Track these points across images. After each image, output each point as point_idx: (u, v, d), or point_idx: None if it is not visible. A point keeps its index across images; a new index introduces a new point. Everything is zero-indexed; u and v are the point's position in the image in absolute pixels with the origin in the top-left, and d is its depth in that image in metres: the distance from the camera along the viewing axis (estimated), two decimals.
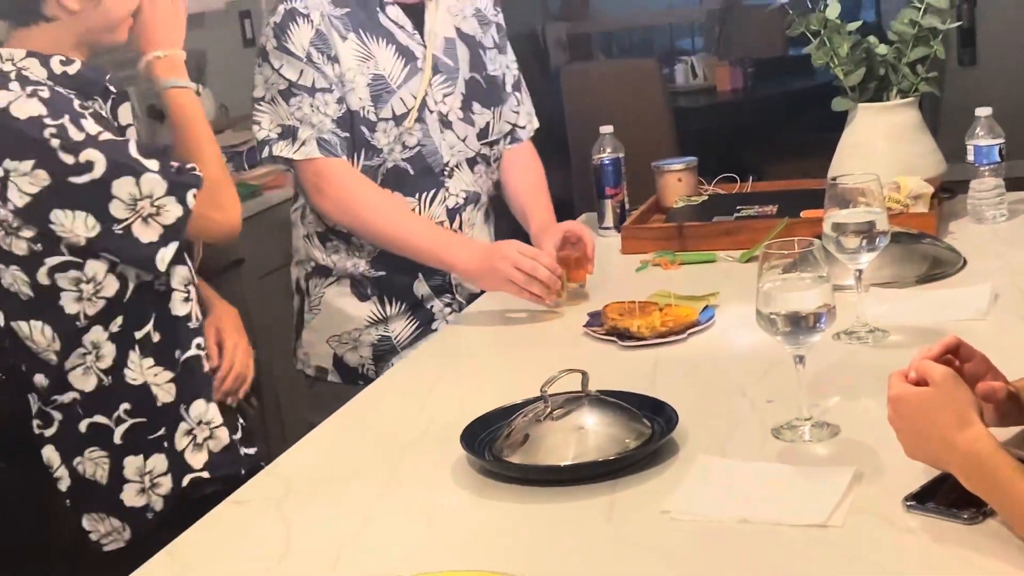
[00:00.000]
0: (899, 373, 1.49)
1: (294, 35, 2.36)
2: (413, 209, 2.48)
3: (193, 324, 2.14)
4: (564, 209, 3.18)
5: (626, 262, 2.66)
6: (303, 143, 2.35)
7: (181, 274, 2.10)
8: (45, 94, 1.97)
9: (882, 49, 2.61)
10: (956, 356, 1.52)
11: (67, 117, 1.95)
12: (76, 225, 1.95)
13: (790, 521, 1.47)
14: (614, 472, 1.65)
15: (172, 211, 1.98)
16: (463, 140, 2.52)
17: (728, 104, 6.10)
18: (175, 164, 2.01)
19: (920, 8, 2.55)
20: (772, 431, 1.72)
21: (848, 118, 2.69)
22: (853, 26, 2.63)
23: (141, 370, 2.08)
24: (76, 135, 1.94)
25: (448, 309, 2.56)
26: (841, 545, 1.42)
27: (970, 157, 2.59)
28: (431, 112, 2.46)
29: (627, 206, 2.89)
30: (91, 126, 1.96)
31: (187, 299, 2.12)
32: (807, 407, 1.72)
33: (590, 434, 1.71)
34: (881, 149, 2.62)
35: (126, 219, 1.96)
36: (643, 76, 5.46)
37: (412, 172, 2.47)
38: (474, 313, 2.47)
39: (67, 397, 2.07)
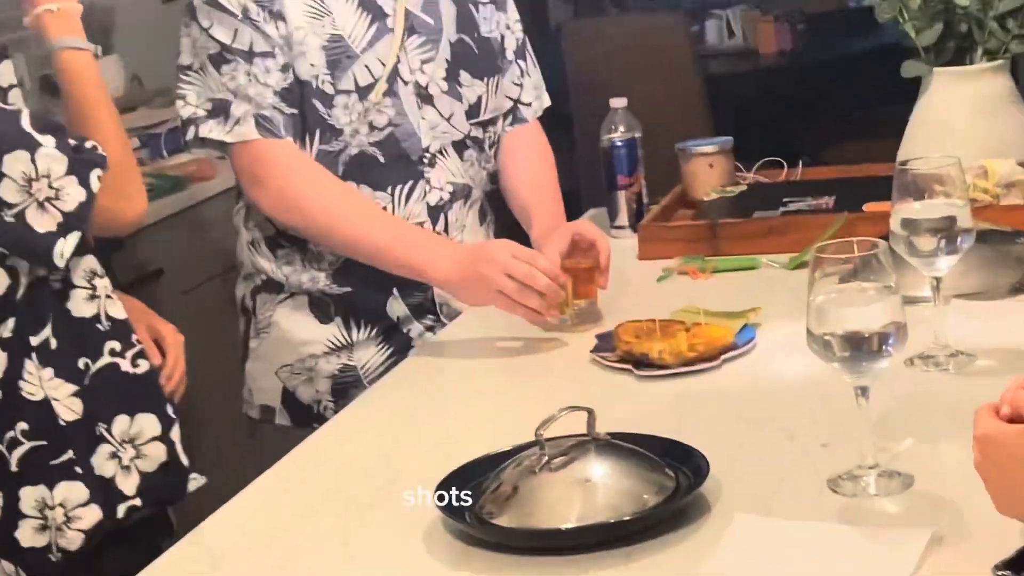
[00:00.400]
0: (989, 407, 1.48)
1: None
2: (384, 208, 2.43)
3: (103, 326, 2.14)
4: (566, 203, 3.17)
5: (644, 269, 2.66)
6: (237, 121, 2.29)
7: (84, 266, 2.11)
8: None
9: (964, 1, 2.60)
10: None
11: None
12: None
13: None
14: (629, 536, 1.64)
15: (74, 195, 1.98)
16: (448, 119, 2.47)
17: (774, 70, 6.11)
18: (74, 142, 2.01)
19: None
20: (828, 483, 1.72)
21: (922, 87, 2.68)
22: None
23: (40, 383, 2.08)
24: None
25: (430, 334, 2.51)
26: None
27: None
28: (406, 83, 2.41)
29: (645, 199, 2.88)
30: None
31: (93, 296, 2.13)
32: (872, 452, 1.71)
33: (599, 488, 1.71)
34: (964, 125, 2.61)
35: (18, 203, 1.95)
36: (666, 35, 5.45)
37: (383, 160, 2.42)
38: (453, 336, 2.43)
39: None
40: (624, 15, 7.74)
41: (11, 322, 2.05)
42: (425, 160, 2.44)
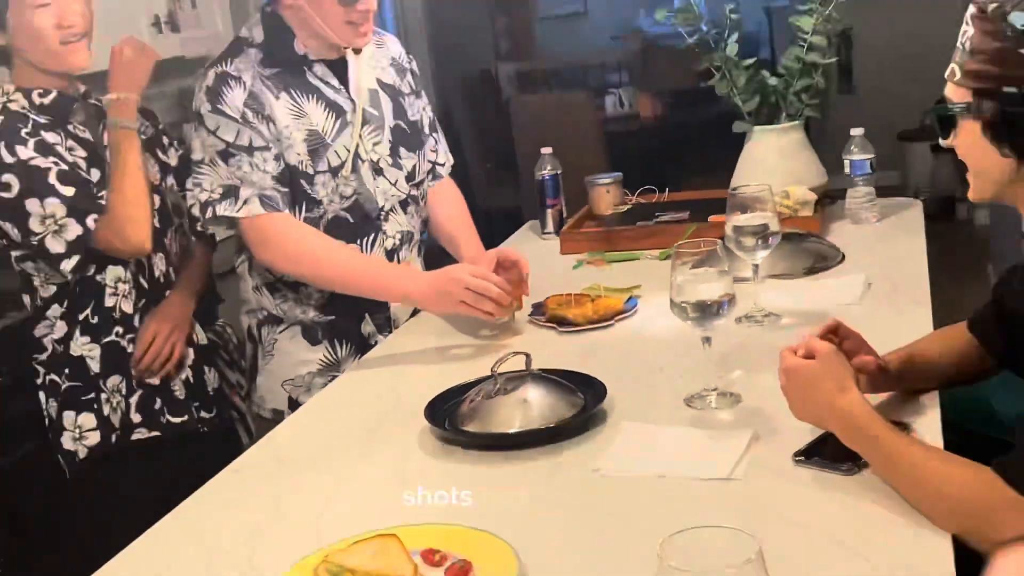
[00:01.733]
0: (790, 349, 1.50)
1: (227, 97, 2.06)
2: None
3: (116, 315, 2.22)
4: (514, 216, 3.18)
5: (564, 261, 2.64)
6: (245, 201, 2.05)
7: (113, 273, 2.20)
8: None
9: (773, 81, 2.61)
10: (836, 335, 1.54)
11: (3, 143, 2.04)
12: (7, 231, 2.08)
13: (699, 476, 1.47)
14: (554, 438, 1.63)
15: (72, 230, 2.06)
16: (394, 184, 2.24)
17: (649, 127, 6.10)
18: (90, 192, 2.11)
19: (804, 46, 2.56)
20: (684, 400, 1.72)
21: (746, 138, 2.69)
22: (749, 62, 2.63)
23: (79, 345, 2.19)
24: (7, 158, 2.04)
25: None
26: (742, 495, 1.43)
27: (847, 169, 2.60)
28: (363, 162, 2.19)
29: (564, 214, 2.87)
30: (26, 152, 2.05)
31: (114, 294, 2.20)
32: (713, 379, 1.72)
33: (533, 406, 1.69)
34: (773, 164, 2.62)
35: (40, 232, 2.06)
36: (579, 105, 5.46)
37: (352, 220, 2.20)
38: (409, 332, 2.28)
39: (40, 356, 2.24)
40: (551, 92, 7.75)
41: (66, 303, 2.19)
42: (381, 217, 2.23)
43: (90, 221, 2.07)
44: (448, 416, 1.72)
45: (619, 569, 1.27)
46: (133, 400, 2.25)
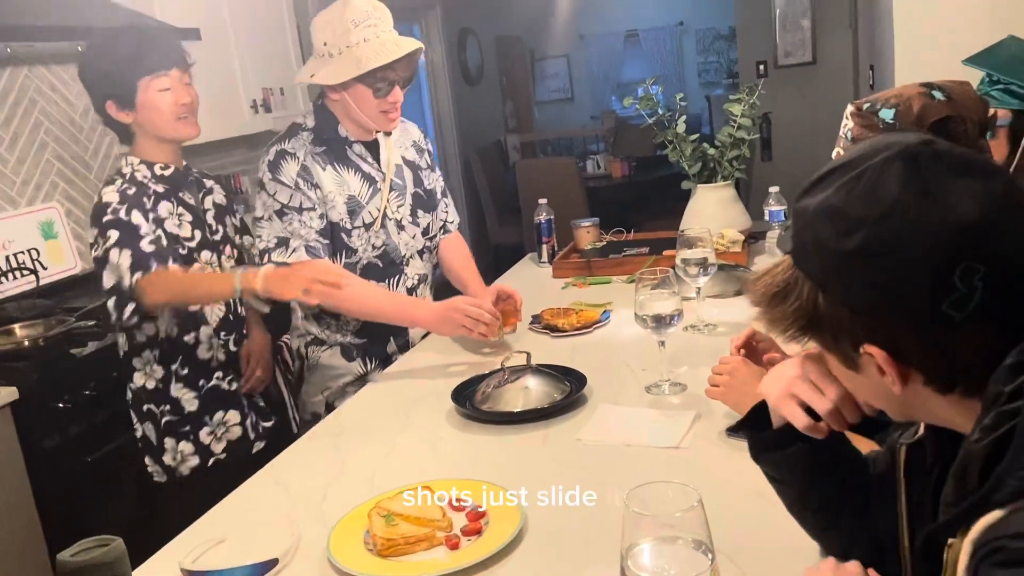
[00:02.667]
0: (724, 359, 1.49)
1: (284, 168, 1.99)
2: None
3: (215, 363, 2.10)
4: (518, 249, 3.19)
5: (555, 284, 2.63)
6: (294, 250, 1.96)
7: (206, 331, 2.08)
8: (129, 190, 1.97)
9: (711, 151, 2.62)
10: (755, 339, 1.52)
11: (124, 208, 1.93)
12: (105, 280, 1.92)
13: (656, 444, 1.47)
14: (547, 415, 1.64)
15: (106, 282, 1.90)
16: (413, 238, 2.16)
17: (620, 184, 6.12)
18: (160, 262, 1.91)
19: (735, 126, 2.57)
20: (645, 388, 1.72)
21: (692, 193, 2.68)
22: (694, 136, 2.63)
23: (176, 390, 2.06)
24: (135, 219, 1.92)
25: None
26: (688, 459, 1.43)
27: (767, 217, 2.60)
28: (390, 219, 2.11)
29: (556, 248, 2.86)
30: (137, 217, 1.92)
31: (209, 348, 2.09)
32: (666, 373, 1.72)
33: (532, 392, 1.70)
34: (712, 212, 2.61)
35: (110, 285, 1.90)
36: (566, 167, 5.46)
37: (381, 265, 2.11)
38: (425, 349, 2.18)
39: (133, 385, 2.08)
40: (546, 157, 7.79)
41: (157, 352, 2.04)
42: (404, 263, 2.15)
43: (134, 280, 1.88)
44: (468, 399, 1.72)
45: (596, 514, 1.27)
46: (235, 425, 2.14)
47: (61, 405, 2.28)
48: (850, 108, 1.33)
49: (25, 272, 2.89)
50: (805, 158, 6.02)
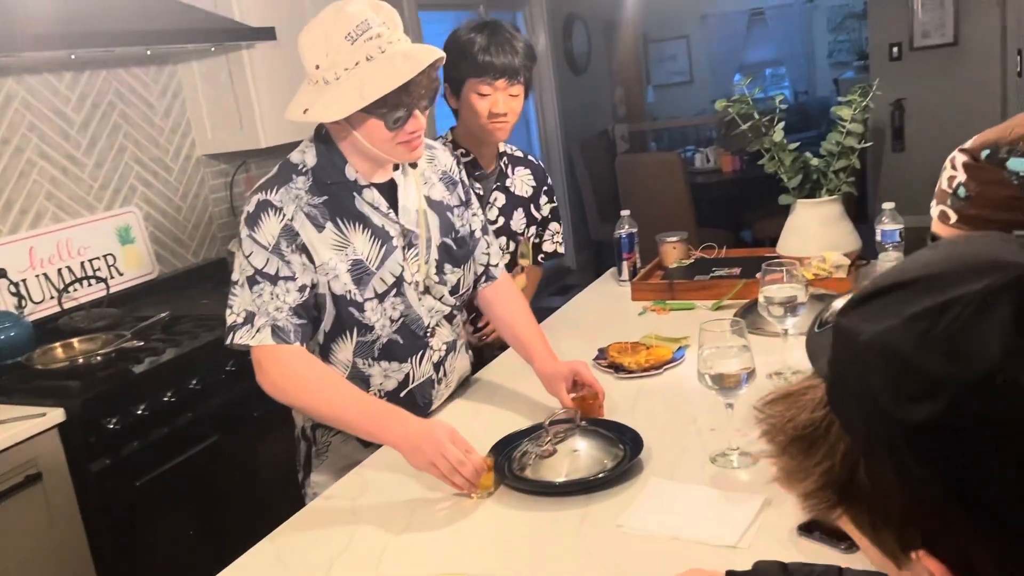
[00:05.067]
0: None
1: (263, 225, 1.56)
2: (407, 373, 1.74)
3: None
4: (601, 264, 2.95)
5: (632, 307, 2.38)
6: (259, 330, 1.55)
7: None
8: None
9: (815, 161, 2.30)
10: None
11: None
12: None
13: (710, 541, 1.24)
14: (590, 488, 1.42)
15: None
16: (439, 299, 1.75)
17: (729, 180, 5.73)
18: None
19: (843, 132, 2.24)
20: (710, 458, 1.48)
21: (791, 208, 2.38)
22: (794, 145, 2.33)
23: None
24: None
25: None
26: (746, 562, 1.17)
27: (878, 236, 2.27)
28: (408, 284, 1.68)
29: (638, 265, 2.61)
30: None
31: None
32: (735, 440, 1.47)
33: (581, 456, 1.48)
34: (813, 232, 2.30)
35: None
36: (671, 163, 5.13)
37: (401, 341, 1.70)
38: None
39: None
40: (653, 152, 7.45)
41: None
42: (429, 334, 1.74)
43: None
44: (507, 460, 1.52)
45: None
46: None
47: (111, 426, 2.21)
48: (959, 156, 0.99)
49: (98, 280, 2.88)
50: (942, 152, 5.47)
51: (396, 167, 1.69)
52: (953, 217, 0.99)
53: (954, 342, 0.49)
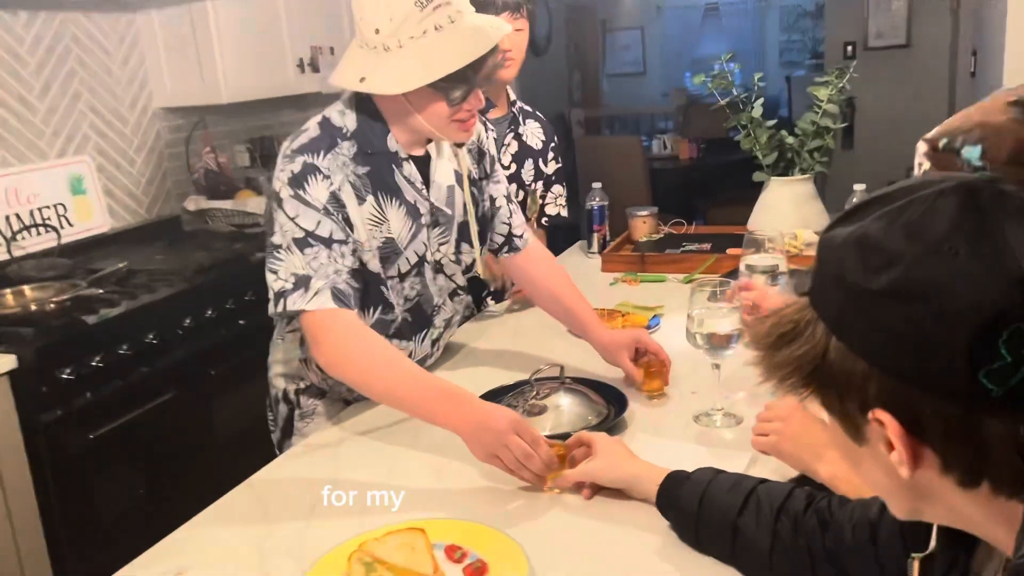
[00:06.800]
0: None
1: (310, 188, 1.45)
2: (410, 352, 1.68)
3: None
4: (575, 229, 2.93)
5: (603, 278, 2.40)
6: (316, 293, 1.42)
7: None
8: None
9: (790, 140, 2.34)
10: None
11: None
12: None
13: None
14: None
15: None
16: (451, 277, 1.70)
17: (686, 167, 5.79)
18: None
19: (819, 112, 2.28)
20: (694, 417, 1.49)
21: (764, 186, 2.41)
22: (770, 123, 2.36)
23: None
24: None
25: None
26: None
27: None
28: (428, 263, 1.63)
29: (607, 238, 2.62)
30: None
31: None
32: (719, 401, 1.48)
33: (564, 413, 1.47)
34: (785, 210, 2.34)
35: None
36: (630, 147, 5.16)
37: (411, 320, 1.66)
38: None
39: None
40: (611, 136, 7.49)
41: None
42: (435, 312, 1.69)
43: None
44: None
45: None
46: None
47: (64, 376, 2.13)
48: (922, 145, 1.03)
49: (48, 229, 2.77)
50: (891, 151, 5.63)
51: (428, 140, 1.60)
52: None
53: (912, 225, 0.61)
